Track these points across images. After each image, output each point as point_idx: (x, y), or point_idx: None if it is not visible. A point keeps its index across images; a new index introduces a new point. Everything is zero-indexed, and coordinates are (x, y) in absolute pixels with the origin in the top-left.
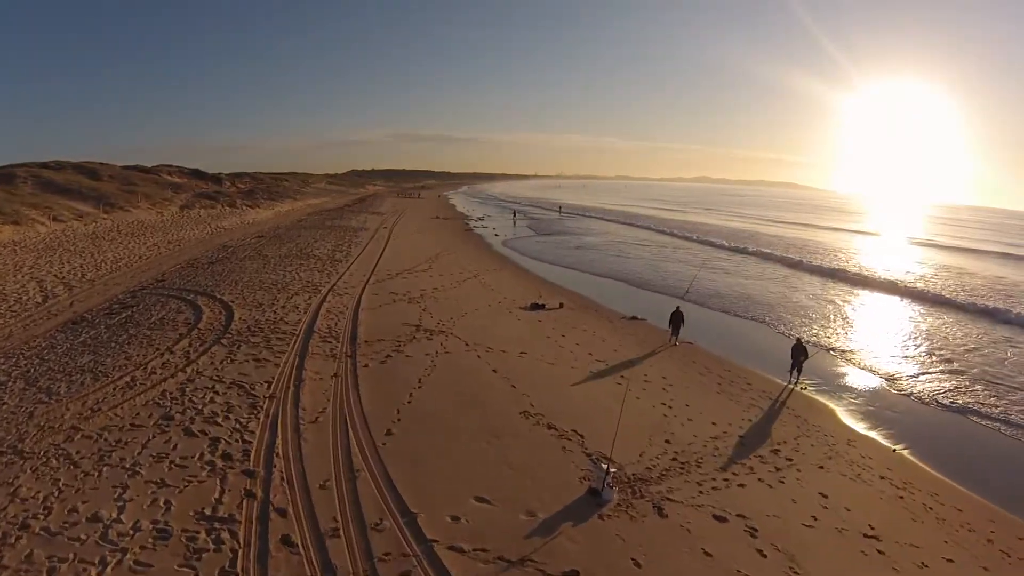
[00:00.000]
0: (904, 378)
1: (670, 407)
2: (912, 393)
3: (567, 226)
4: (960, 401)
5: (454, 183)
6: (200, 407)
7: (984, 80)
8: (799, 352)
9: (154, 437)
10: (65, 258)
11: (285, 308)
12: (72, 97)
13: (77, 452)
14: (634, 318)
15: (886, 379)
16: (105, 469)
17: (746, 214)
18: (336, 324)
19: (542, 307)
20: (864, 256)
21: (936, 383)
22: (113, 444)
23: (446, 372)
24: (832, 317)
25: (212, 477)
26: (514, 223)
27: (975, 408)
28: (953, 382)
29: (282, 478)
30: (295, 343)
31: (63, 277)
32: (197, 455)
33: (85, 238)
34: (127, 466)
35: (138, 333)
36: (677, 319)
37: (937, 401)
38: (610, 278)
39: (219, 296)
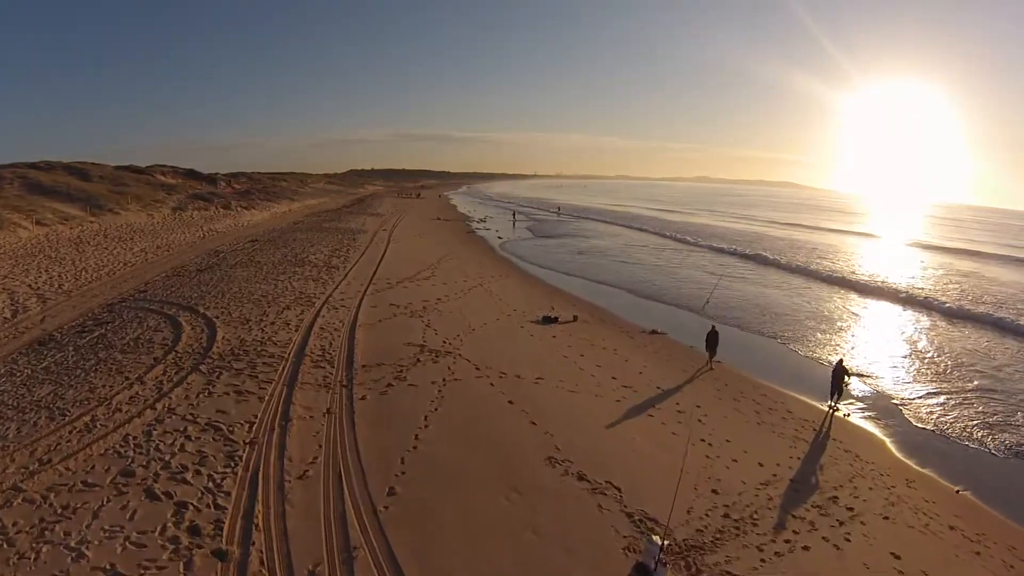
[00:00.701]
0: (946, 403)
1: (710, 444)
2: (958, 420)
3: (570, 229)
4: (1015, 434)
5: (454, 183)
6: (167, 458)
7: (984, 79)
8: (840, 374)
9: (108, 501)
10: (44, 266)
11: (275, 325)
12: (72, 97)
13: (14, 524)
14: (654, 332)
15: (928, 403)
16: (44, 549)
17: (751, 216)
18: (331, 344)
19: (555, 320)
20: (879, 262)
21: (982, 409)
22: (59, 512)
23: (456, 405)
24: (861, 334)
25: (175, 561)
26: (514, 225)
27: None
28: (999, 408)
29: (261, 562)
30: (284, 369)
31: (38, 288)
32: (159, 528)
33: (68, 243)
34: (72, 544)
35: (108, 357)
36: (713, 340)
37: (988, 430)
38: (620, 287)
39: (203, 311)
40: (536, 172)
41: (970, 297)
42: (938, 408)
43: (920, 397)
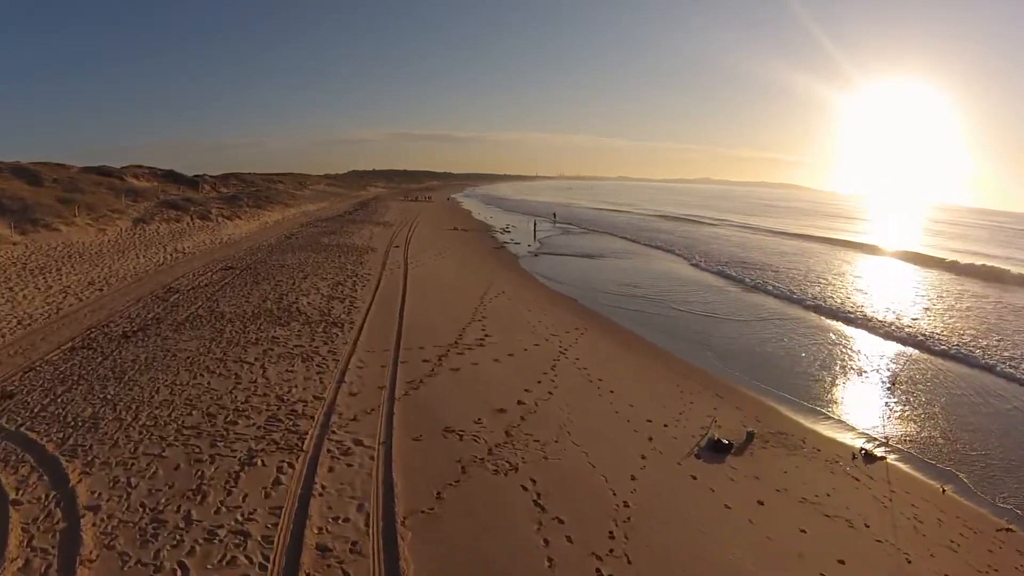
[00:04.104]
0: None
1: None
2: None
3: (608, 248)
4: None
5: (458, 184)
6: None
7: (984, 79)
8: None
9: None
10: None
11: (214, 544)
12: (71, 96)
13: None
14: (867, 454)
15: None
16: None
17: (780, 228)
18: None
19: (729, 448)
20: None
21: None
22: None
23: None
24: None
25: None
26: (534, 236)
27: None
28: None
29: None
30: None
31: None
32: None
33: None
34: None
35: None
36: None
37: None
38: (742, 358)
39: (75, 480)
40: (538, 173)
41: None
42: None
43: None
